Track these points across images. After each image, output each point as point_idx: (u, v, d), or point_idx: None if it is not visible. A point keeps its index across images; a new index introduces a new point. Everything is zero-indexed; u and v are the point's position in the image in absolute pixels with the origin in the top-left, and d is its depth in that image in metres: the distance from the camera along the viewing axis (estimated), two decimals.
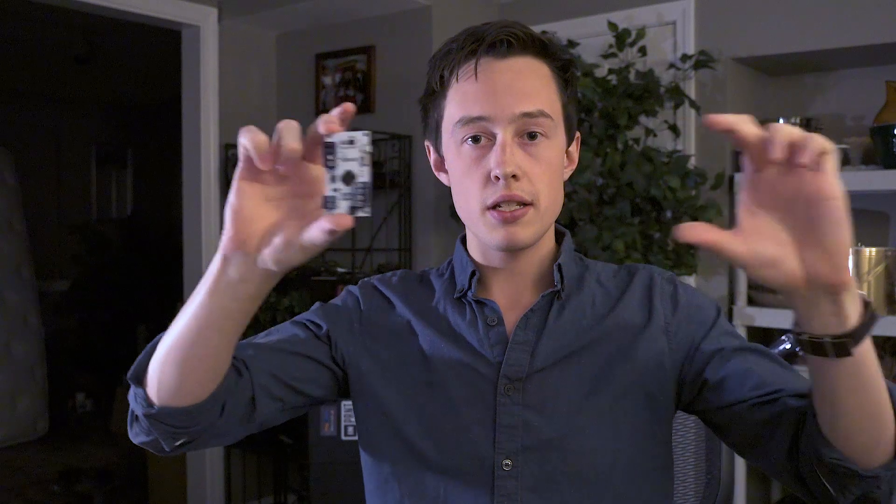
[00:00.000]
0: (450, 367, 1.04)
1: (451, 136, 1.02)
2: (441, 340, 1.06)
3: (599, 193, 2.49)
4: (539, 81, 1.00)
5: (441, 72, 1.02)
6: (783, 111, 2.84)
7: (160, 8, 3.14)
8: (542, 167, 0.99)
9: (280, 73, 3.55)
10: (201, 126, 3.30)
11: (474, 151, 0.99)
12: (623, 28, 2.58)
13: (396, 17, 3.15)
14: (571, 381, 1.01)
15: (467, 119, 0.99)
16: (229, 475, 3.44)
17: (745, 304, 2.64)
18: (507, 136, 0.98)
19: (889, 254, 2.37)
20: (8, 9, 3.94)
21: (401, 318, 1.10)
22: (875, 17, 2.41)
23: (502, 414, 1.00)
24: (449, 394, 1.03)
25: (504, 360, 1.02)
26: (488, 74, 0.99)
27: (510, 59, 0.99)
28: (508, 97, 0.98)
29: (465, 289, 1.07)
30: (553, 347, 1.02)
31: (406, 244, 3.13)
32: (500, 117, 0.98)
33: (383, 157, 3.12)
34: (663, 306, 1.05)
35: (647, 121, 2.59)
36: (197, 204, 3.33)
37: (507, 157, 0.96)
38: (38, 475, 4.32)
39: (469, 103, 0.99)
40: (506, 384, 1.01)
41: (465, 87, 1.00)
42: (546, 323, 1.04)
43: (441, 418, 1.02)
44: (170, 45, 3.52)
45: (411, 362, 1.06)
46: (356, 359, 1.09)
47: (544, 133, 1.00)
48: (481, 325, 1.05)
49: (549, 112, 1.00)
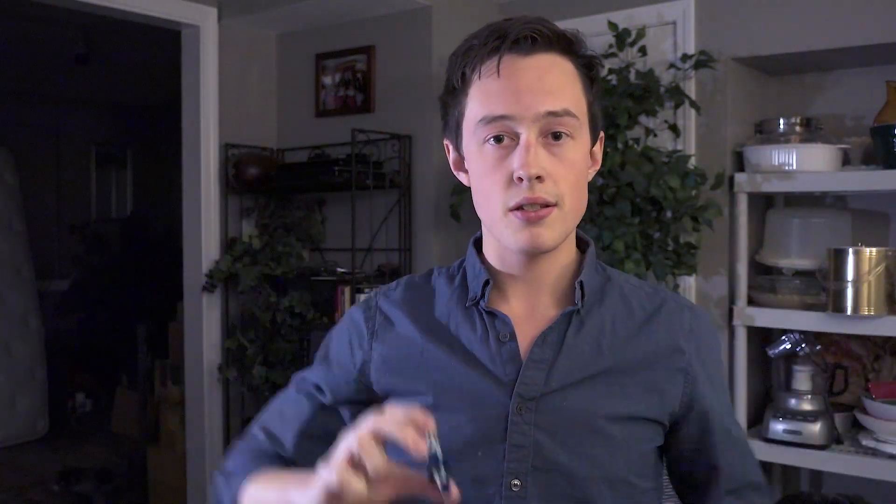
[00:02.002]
0: (460, 387, 1.01)
1: (473, 135, 0.99)
2: (451, 359, 1.02)
3: (599, 193, 2.49)
4: (564, 79, 0.97)
5: (462, 69, 0.99)
6: (783, 111, 2.84)
7: (160, 8, 3.14)
8: (566, 168, 0.97)
9: (280, 73, 3.55)
10: (201, 126, 3.30)
11: (497, 151, 0.96)
12: (623, 28, 2.57)
13: (396, 17, 3.15)
14: (586, 407, 0.99)
15: (490, 118, 0.96)
16: None
17: (745, 304, 2.64)
18: (532, 136, 0.95)
19: (889, 254, 2.37)
20: (8, 8, 3.93)
21: (406, 338, 1.06)
22: (875, 17, 2.41)
23: (514, 433, 0.97)
24: (457, 413, 1.00)
25: (519, 379, 0.99)
26: (512, 72, 0.95)
27: (534, 57, 0.96)
28: (533, 95, 0.95)
29: (478, 298, 1.04)
30: (570, 367, 1.00)
31: (406, 244, 3.13)
32: (525, 116, 0.94)
33: (383, 157, 3.12)
34: (688, 347, 1.04)
35: (647, 121, 2.59)
36: (197, 204, 3.33)
37: (531, 158, 0.94)
38: (38, 475, 4.32)
39: (492, 102, 0.96)
40: (519, 403, 0.98)
41: (487, 85, 0.97)
42: (565, 340, 1.01)
43: (449, 438, 0.99)
44: (170, 45, 3.52)
45: (418, 383, 1.03)
46: (372, 375, 1.08)
47: (569, 133, 0.97)
48: (493, 340, 1.01)
49: (575, 111, 0.97)
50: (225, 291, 3.39)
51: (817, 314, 2.46)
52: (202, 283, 3.32)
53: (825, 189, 2.63)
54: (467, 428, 0.99)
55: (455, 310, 1.06)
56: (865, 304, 2.35)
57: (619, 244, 2.36)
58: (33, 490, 4.12)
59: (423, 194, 3.09)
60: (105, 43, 4.63)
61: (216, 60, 3.32)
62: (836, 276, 2.39)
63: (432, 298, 1.09)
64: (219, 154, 3.34)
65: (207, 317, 3.35)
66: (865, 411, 2.45)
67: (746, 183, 2.59)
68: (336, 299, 3.06)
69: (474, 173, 1.01)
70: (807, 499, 2.63)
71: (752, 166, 2.62)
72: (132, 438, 4.76)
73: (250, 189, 3.34)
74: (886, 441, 2.39)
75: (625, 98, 2.46)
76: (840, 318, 2.40)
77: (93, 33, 4.50)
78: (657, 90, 2.50)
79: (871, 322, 2.36)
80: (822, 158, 2.52)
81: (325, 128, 3.36)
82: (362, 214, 3.14)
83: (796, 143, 2.55)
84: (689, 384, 1.03)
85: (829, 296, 2.42)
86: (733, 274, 2.67)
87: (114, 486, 4.06)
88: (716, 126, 2.68)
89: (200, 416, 3.37)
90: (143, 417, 4.24)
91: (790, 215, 2.73)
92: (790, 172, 2.53)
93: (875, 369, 2.65)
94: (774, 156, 2.56)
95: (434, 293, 1.09)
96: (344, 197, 3.27)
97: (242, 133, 3.42)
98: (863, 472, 2.39)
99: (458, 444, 0.99)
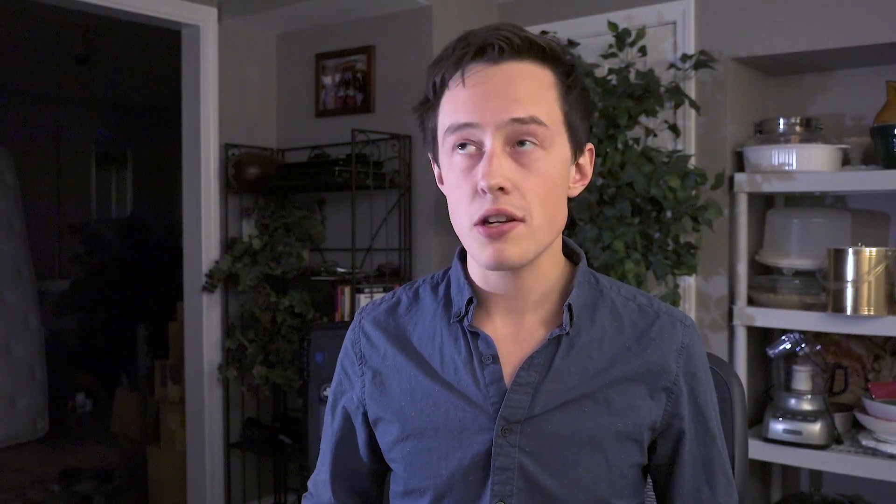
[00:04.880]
0: (446, 412, 1.00)
1: (443, 146, 0.97)
2: (435, 383, 1.01)
3: (599, 193, 2.49)
4: (534, 87, 0.94)
5: (434, 79, 0.97)
6: (783, 111, 2.84)
7: (160, 8, 3.14)
8: (535, 180, 0.92)
9: (280, 73, 3.55)
10: (201, 126, 3.30)
11: (464, 161, 0.94)
12: (623, 28, 2.57)
13: (396, 17, 3.15)
14: (570, 429, 0.98)
15: (455, 126, 0.93)
16: (229, 475, 3.44)
17: (745, 304, 2.64)
18: (497, 144, 0.91)
19: (889, 254, 2.37)
20: (8, 8, 3.94)
21: (389, 363, 1.06)
22: (875, 17, 2.41)
23: (498, 456, 0.97)
24: (443, 438, 1.00)
25: (504, 402, 0.97)
26: (478, 80, 0.93)
27: (504, 65, 0.93)
28: (497, 102, 0.92)
29: (462, 314, 1.02)
30: (555, 390, 0.98)
31: (406, 244, 3.13)
32: (488, 123, 0.91)
33: (383, 157, 3.12)
34: (677, 364, 1.02)
35: (647, 121, 2.59)
36: (197, 204, 3.33)
37: (493, 168, 0.90)
38: (38, 475, 4.32)
39: (458, 110, 0.93)
40: (503, 426, 0.97)
41: (454, 94, 0.94)
42: (553, 363, 0.99)
43: (436, 464, 1.00)
44: (170, 45, 3.52)
45: (401, 410, 1.03)
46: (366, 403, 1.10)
47: (537, 142, 0.93)
48: (476, 362, 1.00)
49: (544, 119, 0.93)
50: (225, 291, 3.40)
51: (817, 314, 2.46)
52: (202, 283, 3.32)
53: (825, 189, 2.63)
54: (454, 453, 0.99)
55: (440, 326, 1.04)
56: (865, 304, 2.35)
57: (619, 244, 2.36)
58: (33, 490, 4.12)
59: (423, 194, 3.09)
60: (105, 43, 4.62)
61: (216, 60, 3.32)
62: (835, 276, 2.39)
63: (419, 314, 1.08)
64: (219, 154, 3.34)
65: (207, 317, 3.35)
66: (865, 411, 2.45)
67: (746, 183, 2.59)
68: (336, 299, 3.06)
69: (447, 186, 0.99)
70: (807, 499, 2.63)
71: (752, 166, 2.62)
72: (132, 438, 4.76)
73: (250, 189, 3.34)
74: (886, 441, 2.39)
75: (625, 98, 2.46)
76: (840, 318, 2.40)
77: (93, 33, 4.50)
78: (657, 90, 2.50)
79: (871, 322, 2.36)
80: (822, 158, 2.52)
81: (325, 128, 3.36)
82: (362, 214, 3.14)
83: (796, 143, 2.55)
84: (671, 402, 1.02)
85: (829, 296, 2.42)
86: (733, 274, 2.67)
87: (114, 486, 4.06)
88: (716, 126, 2.68)
89: (200, 416, 3.37)
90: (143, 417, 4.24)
91: (790, 215, 2.73)
92: (790, 172, 2.53)
93: (875, 369, 2.65)
94: (774, 156, 2.56)
95: (421, 308, 1.08)
96: (344, 197, 3.27)
97: (242, 133, 3.42)
98: (862, 471, 2.39)
99: (445, 470, 0.99)
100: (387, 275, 3.10)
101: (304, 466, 2.89)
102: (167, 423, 3.77)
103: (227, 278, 3.33)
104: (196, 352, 3.38)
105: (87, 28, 4.40)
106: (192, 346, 3.41)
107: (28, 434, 4.90)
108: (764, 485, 2.85)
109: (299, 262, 3.31)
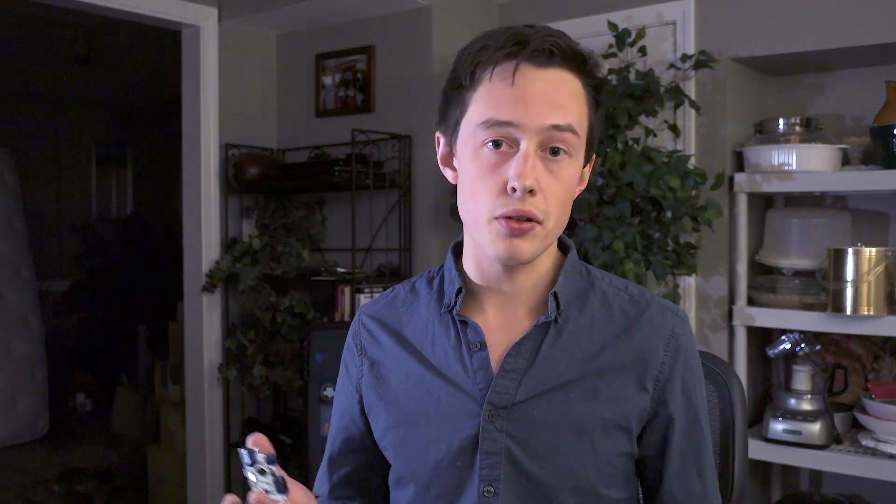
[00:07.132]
0: (438, 398, 1.03)
1: (471, 136, 0.97)
2: (427, 370, 1.05)
3: (599, 193, 2.49)
4: (573, 97, 0.97)
5: (473, 67, 0.97)
6: (783, 111, 2.84)
7: (160, 8, 3.14)
8: (559, 186, 0.96)
9: (280, 73, 3.55)
10: (201, 126, 3.30)
11: (493, 157, 0.95)
12: (623, 28, 2.57)
13: (396, 17, 3.15)
14: (557, 416, 0.99)
15: (493, 122, 0.95)
16: (229, 475, 3.44)
17: (745, 304, 2.64)
18: (531, 147, 0.94)
19: (889, 254, 2.37)
20: (8, 9, 3.94)
21: (387, 352, 1.10)
22: (875, 17, 2.41)
23: (485, 441, 0.99)
24: (433, 424, 1.02)
25: (490, 388, 0.99)
26: (525, 80, 0.94)
27: (549, 70, 0.95)
28: (542, 107, 0.94)
29: (452, 304, 1.05)
30: (542, 378, 1.00)
31: (406, 244, 3.13)
32: (529, 126, 0.93)
33: (383, 157, 3.12)
34: (666, 353, 1.03)
35: (647, 121, 2.59)
36: (197, 204, 3.33)
37: (527, 168, 0.93)
38: (38, 475, 4.32)
39: (499, 106, 0.94)
40: (490, 411, 0.99)
41: (498, 89, 0.95)
42: (540, 350, 1.01)
43: (426, 450, 1.03)
44: (170, 45, 3.52)
45: (396, 396, 1.07)
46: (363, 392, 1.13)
47: (568, 150, 0.96)
48: (465, 349, 1.03)
49: (578, 129, 0.96)
50: (225, 291, 3.40)
51: (817, 314, 2.46)
52: (202, 283, 3.32)
53: (825, 189, 2.63)
54: (443, 438, 1.01)
55: (433, 316, 1.08)
56: (865, 304, 2.35)
57: (619, 244, 2.37)
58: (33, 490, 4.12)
59: (423, 194, 3.09)
60: (105, 43, 4.63)
61: (216, 60, 3.32)
62: (835, 276, 2.39)
63: (414, 306, 1.11)
64: (219, 154, 3.34)
65: (207, 317, 3.35)
66: (865, 411, 2.46)
67: (746, 183, 2.60)
68: (336, 299, 3.06)
69: (465, 175, 0.99)
70: (807, 499, 2.63)
71: (752, 166, 2.62)
72: (132, 438, 4.76)
73: (250, 189, 3.34)
74: (886, 441, 2.39)
75: (625, 98, 2.46)
76: (840, 318, 2.40)
77: (93, 33, 4.50)
78: (657, 90, 2.50)
79: (871, 322, 2.36)
80: (822, 158, 2.52)
81: (325, 128, 3.36)
82: (362, 214, 3.14)
83: (796, 143, 2.55)
84: (658, 390, 1.02)
85: (829, 296, 2.42)
86: (733, 274, 2.67)
87: (114, 486, 4.06)
88: (716, 126, 2.68)
89: (200, 416, 3.37)
90: (143, 417, 4.24)
91: (790, 215, 2.74)
92: (790, 172, 2.53)
93: (874, 369, 2.65)
94: (774, 156, 2.56)
95: (416, 300, 1.12)
96: (344, 197, 3.27)
97: (242, 133, 3.42)
98: (862, 471, 2.39)
99: (434, 455, 1.02)
100: (387, 275, 3.10)
101: (305, 466, 2.89)
102: (167, 423, 3.77)
103: (228, 278, 3.33)
104: (196, 352, 3.38)
105: (87, 28, 4.41)
106: (192, 346, 3.41)
107: (28, 434, 4.90)
108: (764, 485, 2.85)
109: (299, 262, 3.31)
